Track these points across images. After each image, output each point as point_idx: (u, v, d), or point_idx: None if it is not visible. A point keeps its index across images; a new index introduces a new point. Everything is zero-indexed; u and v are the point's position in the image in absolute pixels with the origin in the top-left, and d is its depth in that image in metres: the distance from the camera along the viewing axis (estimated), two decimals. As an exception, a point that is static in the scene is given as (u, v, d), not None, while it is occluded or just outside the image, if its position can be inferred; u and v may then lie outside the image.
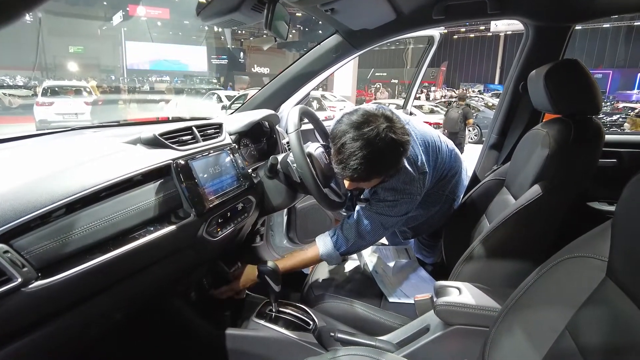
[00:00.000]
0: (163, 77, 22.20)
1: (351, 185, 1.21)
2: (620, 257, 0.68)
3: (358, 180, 1.15)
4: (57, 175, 0.78)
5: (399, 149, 1.12)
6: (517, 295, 0.86)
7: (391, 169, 1.17)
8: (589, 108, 1.11)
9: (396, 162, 1.15)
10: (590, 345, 0.67)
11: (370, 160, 1.09)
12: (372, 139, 1.08)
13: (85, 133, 1.27)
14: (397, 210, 1.28)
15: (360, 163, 1.08)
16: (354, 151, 1.08)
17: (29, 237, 0.69)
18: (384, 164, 1.13)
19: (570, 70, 1.12)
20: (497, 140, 1.68)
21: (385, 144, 1.09)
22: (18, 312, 0.68)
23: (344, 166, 1.11)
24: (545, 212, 1.11)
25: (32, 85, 14.63)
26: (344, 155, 1.10)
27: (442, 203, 1.57)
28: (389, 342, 1.15)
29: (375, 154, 1.09)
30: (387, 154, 1.11)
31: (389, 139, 1.09)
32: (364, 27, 1.50)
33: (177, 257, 1.02)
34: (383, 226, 1.30)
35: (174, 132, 1.09)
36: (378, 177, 1.17)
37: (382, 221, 1.29)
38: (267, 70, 27.52)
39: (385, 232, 1.33)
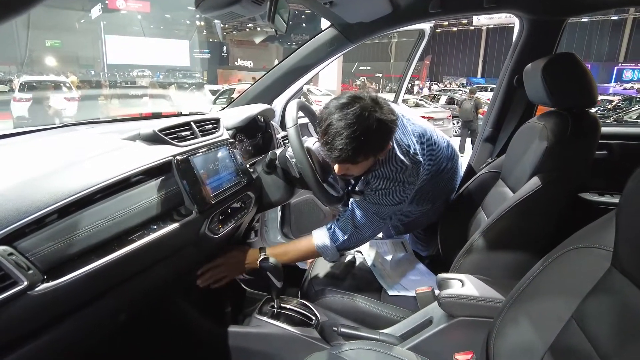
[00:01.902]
0: (144, 72, 21.76)
1: (340, 170, 1.19)
2: (626, 247, 0.69)
3: (345, 161, 1.13)
4: (59, 174, 0.76)
5: (385, 128, 1.12)
6: (522, 286, 0.87)
7: (378, 149, 1.15)
8: (586, 101, 1.13)
9: (383, 142, 1.14)
10: (599, 333, 0.69)
11: (356, 139, 1.07)
12: (357, 118, 1.08)
13: (78, 129, 1.24)
14: (390, 199, 1.27)
15: (346, 143, 1.07)
16: (338, 131, 1.08)
17: (33, 239, 0.67)
18: (370, 144, 1.11)
19: (567, 64, 1.13)
20: (491, 133, 1.70)
21: (370, 123, 1.08)
22: (24, 316, 0.65)
23: (329, 147, 1.10)
24: (545, 204, 1.12)
25: (8, 80, 14.17)
26: (330, 136, 1.09)
27: (436, 199, 1.58)
28: (392, 335, 1.16)
29: (360, 133, 1.07)
30: (373, 133, 1.09)
31: (374, 118, 1.09)
32: (361, 20, 1.49)
33: (179, 255, 1.00)
34: (378, 216, 1.29)
35: (173, 127, 1.07)
36: (365, 158, 1.15)
37: (377, 211, 1.28)
38: (250, 63, 27.30)
39: (381, 224, 1.32)
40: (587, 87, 1.12)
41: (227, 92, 10.21)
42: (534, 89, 1.24)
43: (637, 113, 10.02)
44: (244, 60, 27.63)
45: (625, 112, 10.16)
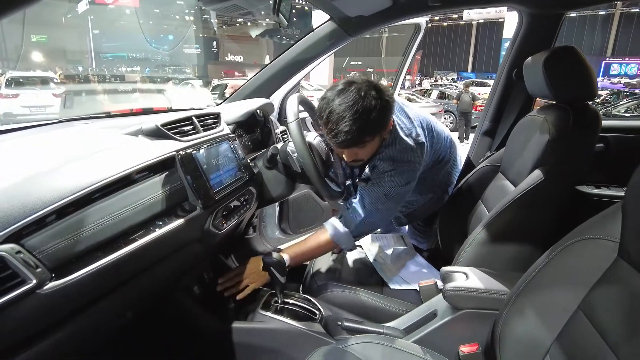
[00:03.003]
0: (134, 67, 21.49)
1: (349, 156, 1.20)
2: (633, 238, 0.70)
3: (352, 144, 1.14)
4: (64, 170, 0.74)
5: (384, 104, 1.13)
6: (528, 278, 0.88)
7: (382, 126, 1.16)
8: (587, 94, 1.14)
9: (385, 118, 1.16)
10: (607, 323, 0.70)
11: (359, 119, 1.09)
12: (356, 99, 1.09)
13: (75, 125, 1.22)
14: (398, 180, 1.27)
15: (350, 124, 1.09)
16: (341, 114, 1.09)
17: (40, 236, 0.65)
18: (373, 121, 1.12)
19: (568, 57, 1.14)
20: (490, 127, 1.71)
21: (369, 101, 1.10)
22: (33, 315, 0.64)
23: (335, 133, 1.11)
24: (547, 196, 1.13)
25: (-7, 75, 13.89)
26: (333, 123, 1.10)
27: (436, 188, 1.59)
28: (397, 329, 1.16)
29: (362, 111, 1.09)
30: (374, 110, 1.11)
31: (372, 95, 1.11)
32: (360, 13, 1.48)
33: (185, 251, 0.99)
34: (388, 199, 1.29)
35: (175, 122, 1.05)
36: (371, 137, 1.15)
37: (386, 192, 1.28)
38: (240, 58, 27.10)
39: (391, 207, 1.31)
40: (588, 80, 1.12)
41: (219, 87, 10.12)
42: (534, 82, 1.24)
43: (625, 107, 10.15)
44: (235, 55, 27.43)
45: (613, 106, 10.30)
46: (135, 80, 15.83)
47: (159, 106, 9.82)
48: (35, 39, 21.68)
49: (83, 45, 21.86)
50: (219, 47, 27.31)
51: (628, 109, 10.10)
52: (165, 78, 18.63)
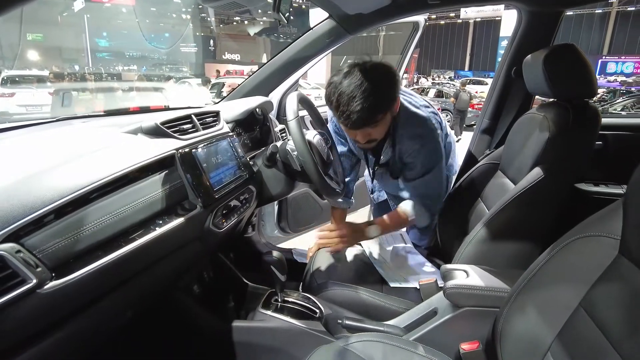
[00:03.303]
0: (130, 66, 21.40)
1: (363, 137, 1.22)
2: (635, 235, 0.70)
3: (366, 123, 1.16)
4: (63, 168, 0.74)
5: (390, 77, 1.16)
6: (529, 276, 0.88)
7: (391, 100, 1.18)
8: (586, 92, 1.14)
9: (392, 92, 1.18)
10: (608, 320, 0.70)
11: (370, 96, 1.11)
12: (363, 78, 1.11)
13: (73, 124, 1.21)
14: (432, 148, 1.32)
15: (362, 102, 1.10)
16: (351, 95, 1.11)
17: (40, 235, 0.65)
18: (382, 96, 1.15)
19: (568, 55, 1.14)
20: (489, 125, 1.71)
21: (376, 76, 1.13)
22: (33, 315, 0.64)
23: (348, 114, 1.12)
24: (547, 194, 1.14)
25: (-10, 74, 13.77)
26: (344, 105, 1.12)
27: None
28: (397, 327, 1.16)
29: (371, 88, 1.11)
30: (381, 84, 1.14)
31: (378, 72, 1.14)
32: (360, 11, 1.47)
33: (185, 250, 0.99)
34: (432, 169, 1.34)
35: (174, 120, 1.05)
36: (383, 114, 1.17)
37: (427, 166, 1.33)
38: (238, 56, 27.03)
39: (438, 175, 1.37)
40: (587, 78, 1.12)
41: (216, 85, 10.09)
42: (534, 80, 1.25)
43: (621, 105, 10.19)
44: (232, 54, 27.37)
45: (610, 104, 10.34)
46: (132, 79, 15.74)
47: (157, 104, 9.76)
48: (31, 37, 21.53)
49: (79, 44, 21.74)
50: (216, 45, 27.24)
51: (624, 107, 10.14)
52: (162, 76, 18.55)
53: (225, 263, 1.42)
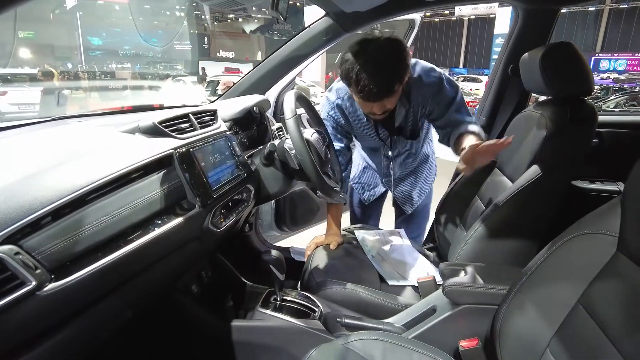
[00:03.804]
0: (124, 64, 21.22)
1: (380, 108, 1.28)
2: (633, 232, 0.71)
3: (387, 94, 1.22)
4: (61, 169, 0.73)
5: (402, 47, 1.22)
6: (528, 273, 0.88)
7: (404, 68, 1.24)
8: (583, 89, 1.14)
9: (406, 61, 1.24)
10: (607, 317, 0.70)
11: (389, 68, 1.19)
12: (379, 52, 1.18)
13: (69, 123, 1.20)
14: (447, 80, 1.41)
15: (382, 75, 1.18)
16: (373, 69, 1.17)
17: (38, 237, 0.64)
18: (399, 66, 1.21)
19: (565, 53, 1.15)
20: (486, 122, 1.72)
21: (391, 49, 1.20)
22: (33, 318, 0.63)
23: (370, 88, 1.18)
24: (545, 192, 1.14)
25: (-20, 73, 13.56)
26: (365, 80, 1.17)
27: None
28: (396, 325, 1.17)
29: (389, 60, 1.19)
30: (397, 55, 1.20)
31: (391, 43, 1.21)
32: (357, 9, 1.47)
33: (184, 250, 0.98)
34: (460, 98, 1.42)
35: (172, 119, 1.04)
36: (400, 83, 1.23)
37: (454, 96, 1.41)
38: (232, 54, 26.91)
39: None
40: (584, 76, 1.13)
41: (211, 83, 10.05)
42: (531, 78, 1.25)
43: (614, 102, 10.27)
44: (226, 52, 27.24)
45: (603, 102, 10.41)
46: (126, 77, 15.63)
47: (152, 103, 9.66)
48: (23, 35, 21.26)
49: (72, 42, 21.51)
50: (210, 43, 27.09)
51: (617, 104, 10.22)
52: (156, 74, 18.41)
53: (224, 262, 1.42)
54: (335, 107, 1.51)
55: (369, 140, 1.59)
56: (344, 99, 1.50)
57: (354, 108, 1.50)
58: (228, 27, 28.05)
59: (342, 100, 1.50)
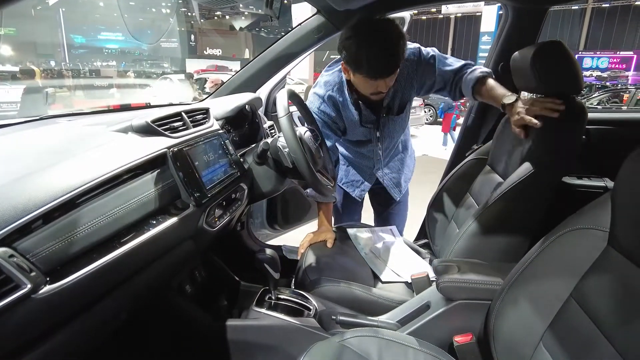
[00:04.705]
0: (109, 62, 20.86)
1: (386, 85, 1.32)
2: (624, 227, 0.72)
3: (393, 70, 1.28)
4: (54, 169, 0.72)
5: (399, 28, 1.27)
6: (521, 268, 0.90)
7: (405, 44, 1.29)
8: (574, 88, 1.16)
9: (404, 37, 1.29)
10: (599, 310, 0.72)
11: (395, 45, 1.24)
12: (384, 31, 1.24)
13: (59, 122, 1.18)
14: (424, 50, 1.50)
15: (392, 51, 1.23)
16: (382, 46, 1.23)
17: (33, 239, 0.63)
18: (402, 40, 1.26)
19: (556, 51, 1.16)
20: (476, 120, 1.73)
21: (392, 28, 1.25)
22: (28, 321, 0.62)
23: (381, 64, 1.24)
24: (537, 188, 1.16)
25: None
26: (376, 56, 1.23)
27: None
28: (391, 322, 1.18)
29: (393, 38, 1.24)
30: (399, 34, 1.25)
31: (390, 23, 1.26)
32: (348, 7, 1.47)
33: (178, 250, 0.97)
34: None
35: (165, 118, 1.03)
36: (403, 58, 1.29)
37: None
38: (219, 51, 26.71)
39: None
40: (574, 75, 1.15)
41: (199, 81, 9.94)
42: (522, 76, 1.26)
43: (597, 99, 10.46)
44: (213, 49, 27.02)
45: (586, 99, 10.60)
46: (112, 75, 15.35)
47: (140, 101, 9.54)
48: (3, 32, 20.73)
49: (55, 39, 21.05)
50: (197, 40, 26.83)
51: (600, 101, 10.40)
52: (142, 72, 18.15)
53: (217, 262, 1.41)
54: (325, 100, 1.52)
55: (358, 130, 1.60)
56: (333, 89, 1.51)
57: (343, 98, 1.51)
58: (215, 24, 27.81)
59: (332, 91, 1.51)
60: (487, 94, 1.34)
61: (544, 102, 1.14)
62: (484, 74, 1.38)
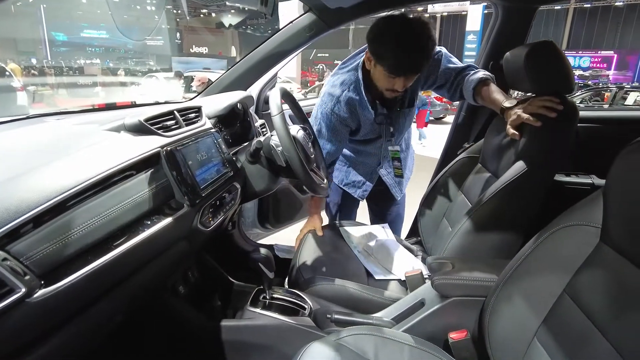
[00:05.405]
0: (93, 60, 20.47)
1: (403, 84, 1.33)
2: (616, 223, 0.74)
3: (419, 69, 1.29)
4: (45, 169, 0.70)
5: (429, 27, 1.28)
6: (515, 265, 0.91)
7: (434, 46, 1.31)
8: (565, 87, 1.18)
9: (434, 39, 1.29)
10: (593, 305, 0.73)
11: (427, 43, 1.25)
12: (418, 29, 1.24)
13: (47, 121, 1.15)
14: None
15: (418, 51, 1.25)
16: (409, 45, 1.23)
17: (26, 241, 0.61)
18: (431, 42, 1.27)
19: (548, 51, 1.18)
20: (466, 119, 1.75)
21: (424, 26, 1.25)
22: (23, 326, 0.60)
23: (413, 60, 1.25)
24: (530, 186, 1.17)
25: None
26: (409, 52, 1.23)
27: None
28: (386, 319, 1.18)
29: (425, 37, 1.24)
30: (428, 33, 1.25)
31: (419, 21, 1.26)
32: (340, 5, 1.47)
33: (173, 250, 0.96)
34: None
35: (157, 117, 1.01)
36: (428, 60, 1.30)
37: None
38: (205, 49, 26.48)
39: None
40: (566, 74, 1.16)
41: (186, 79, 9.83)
42: (514, 76, 1.28)
43: (580, 98, 10.66)
44: (199, 47, 26.77)
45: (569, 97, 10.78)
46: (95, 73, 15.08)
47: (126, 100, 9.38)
48: (-19, 28, 20.17)
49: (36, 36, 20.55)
50: (183, 38, 26.54)
51: (583, 99, 10.61)
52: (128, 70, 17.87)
53: (209, 262, 1.40)
54: (341, 101, 1.50)
55: (371, 127, 1.59)
56: (350, 89, 1.49)
57: (360, 97, 1.49)
58: (201, 22, 27.55)
59: (349, 91, 1.49)
60: (487, 97, 1.35)
61: (542, 101, 1.15)
62: (486, 77, 1.39)
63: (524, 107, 1.19)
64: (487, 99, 1.36)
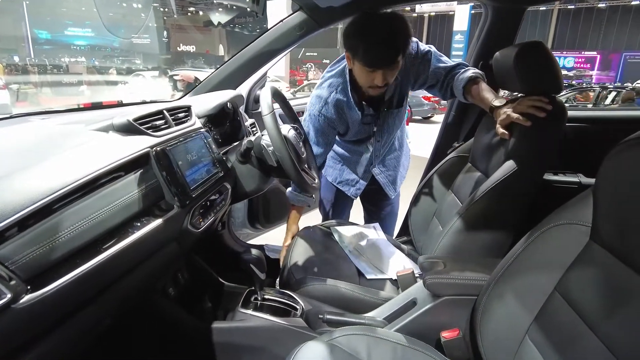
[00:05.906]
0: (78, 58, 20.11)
1: (384, 78, 1.32)
2: (606, 222, 0.75)
3: (394, 61, 1.29)
4: (32, 171, 0.68)
5: (405, 22, 1.30)
6: (507, 264, 0.91)
7: (409, 40, 1.33)
8: (554, 87, 1.19)
9: (409, 33, 1.32)
10: (583, 303, 0.74)
11: (397, 36, 1.27)
12: (388, 23, 1.27)
13: (31, 120, 1.12)
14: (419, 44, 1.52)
15: (393, 41, 1.26)
16: (382, 37, 1.25)
17: (11, 245, 0.59)
18: (405, 35, 1.30)
19: (538, 52, 1.19)
20: (456, 118, 1.76)
21: (397, 21, 1.28)
22: (10, 332, 0.58)
23: (376, 56, 1.27)
24: (520, 186, 1.18)
25: None
26: (377, 44, 1.25)
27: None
28: (378, 319, 1.18)
29: (397, 30, 1.27)
30: (403, 27, 1.28)
31: (396, 16, 1.30)
32: (330, 4, 1.46)
33: (163, 252, 0.94)
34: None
35: (147, 116, 0.99)
36: (403, 54, 1.30)
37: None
38: (193, 48, 26.27)
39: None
40: (556, 74, 1.18)
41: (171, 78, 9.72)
42: (504, 76, 1.29)
43: (565, 97, 10.82)
44: (186, 45, 26.55)
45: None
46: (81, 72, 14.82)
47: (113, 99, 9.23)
48: (-40, 24, 19.64)
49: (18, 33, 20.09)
50: (170, 37, 26.27)
51: (567, 99, 10.77)
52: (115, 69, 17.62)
53: (199, 263, 1.38)
54: (329, 102, 1.51)
55: (358, 128, 1.60)
56: (337, 90, 1.50)
57: (347, 98, 1.50)
58: (189, 20, 27.31)
59: (337, 92, 1.50)
60: (477, 95, 1.36)
61: (532, 101, 1.15)
62: (476, 75, 1.39)
63: (513, 107, 1.19)
64: (476, 97, 1.36)
